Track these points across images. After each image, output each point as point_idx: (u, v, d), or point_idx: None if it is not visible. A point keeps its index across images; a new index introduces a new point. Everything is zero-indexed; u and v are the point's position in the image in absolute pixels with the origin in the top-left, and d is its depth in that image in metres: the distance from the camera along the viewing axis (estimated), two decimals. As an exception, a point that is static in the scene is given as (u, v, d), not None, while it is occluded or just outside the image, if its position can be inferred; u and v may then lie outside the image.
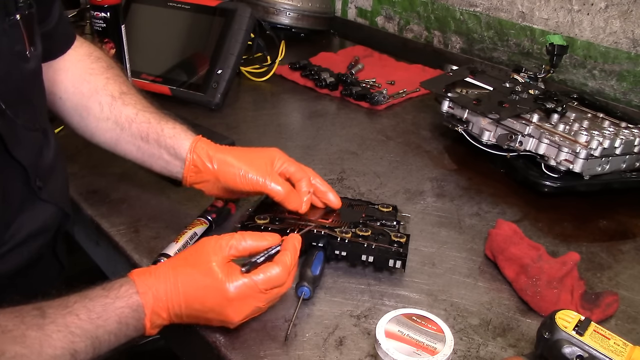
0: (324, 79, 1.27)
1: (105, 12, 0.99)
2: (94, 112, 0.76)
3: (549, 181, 0.88)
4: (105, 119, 0.76)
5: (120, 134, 0.75)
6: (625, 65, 1.16)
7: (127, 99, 0.77)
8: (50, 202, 0.68)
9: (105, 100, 0.76)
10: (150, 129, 0.74)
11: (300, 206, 0.72)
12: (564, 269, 0.68)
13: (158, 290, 0.56)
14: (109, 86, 0.77)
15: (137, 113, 0.75)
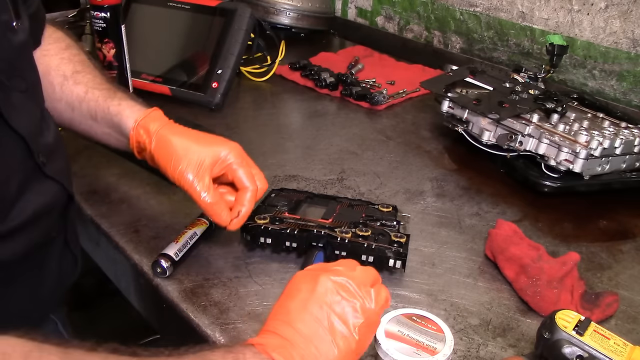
0: (324, 79, 1.27)
1: (105, 12, 0.99)
2: (48, 94, 0.74)
3: (549, 181, 0.88)
4: (58, 99, 0.74)
5: (72, 114, 0.74)
6: (625, 65, 1.16)
7: (78, 78, 0.74)
8: (54, 180, 0.66)
9: (57, 81, 0.74)
10: (97, 108, 0.72)
11: (224, 223, 0.66)
12: (564, 269, 0.68)
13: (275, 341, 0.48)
14: (62, 66, 0.75)
15: (86, 92, 0.73)
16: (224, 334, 0.61)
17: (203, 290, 0.67)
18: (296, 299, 0.50)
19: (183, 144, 0.66)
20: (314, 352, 0.47)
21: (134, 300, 0.78)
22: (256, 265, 0.72)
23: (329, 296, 0.49)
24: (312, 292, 0.50)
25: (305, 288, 0.50)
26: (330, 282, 0.50)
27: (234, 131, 1.06)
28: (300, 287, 0.51)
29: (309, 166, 0.97)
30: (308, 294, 0.50)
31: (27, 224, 0.62)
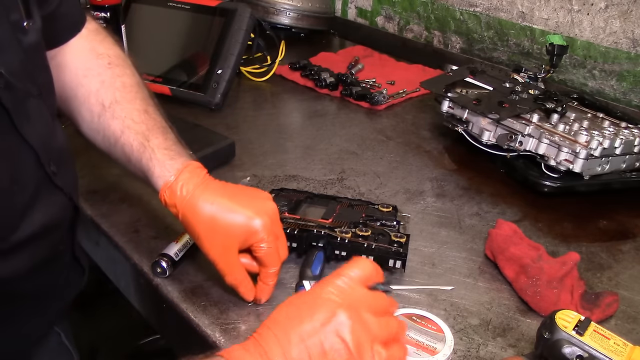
0: (324, 79, 1.27)
1: (105, 12, 0.99)
2: (87, 120, 0.72)
3: (549, 181, 0.88)
4: (95, 130, 0.72)
5: (109, 148, 0.72)
6: (625, 65, 1.16)
7: (117, 111, 0.71)
8: (63, 191, 0.64)
9: (96, 110, 0.71)
10: (132, 155, 0.69)
11: (249, 299, 0.65)
12: (564, 269, 0.68)
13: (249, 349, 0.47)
14: (102, 92, 0.72)
15: (122, 131, 0.70)
16: (224, 334, 0.61)
17: (203, 290, 0.67)
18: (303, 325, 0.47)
19: (210, 218, 0.62)
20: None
21: (134, 300, 0.78)
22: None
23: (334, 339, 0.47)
24: (322, 325, 0.47)
25: (317, 318, 0.47)
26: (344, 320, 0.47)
27: (233, 131, 1.06)
28: (314, 314, 0.47)
29: (309, 166, 0.97)
30: (317, 326, 0.47)
31: (35, 238, 0.60)
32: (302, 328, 0.47)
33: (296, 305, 0.49)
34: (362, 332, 0.47)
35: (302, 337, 0.47)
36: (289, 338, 0.47)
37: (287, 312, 0.49)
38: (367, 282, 0.51)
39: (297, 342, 0.46)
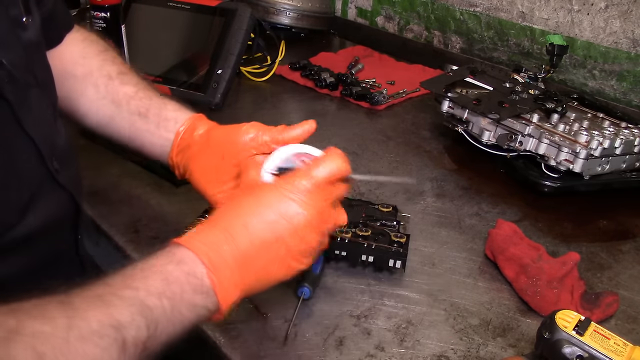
0: (324, 79, 1.27)
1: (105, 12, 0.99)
2: (88, 94, 0.74)
3: (549, 181, 0.89)
4: (101, 98, 0.74)
5: (116, 111, 0.74)
6: (625, 65, 1.16)
7: (125, 79, 0.75)
8: (66, 189, 0.64)
9: (102, 81, 0.74)
10: (151, 105, 0.73)
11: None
12: (564, 269, 0.68)
13: (207, 234, 0.48)
14: (106, 67, 0.76)
15: (137, 91, 0.74)
16: (224, 334, 0.61)
17: (203, 290, 0.67)
18: (263, 214, 0.50)
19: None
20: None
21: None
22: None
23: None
24: (281, 217, 0.51)
25: (278, 211, 0.51)
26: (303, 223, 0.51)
27: (234, 131, 1.06)
28: (276, 209, 0.51)
29: (309, 166, 0.96)
30: (277, 217, 0.51)
31: (36, 235, 0.60)
32: (263, 217, 0.50)
33: (258, 198, 0.52)
34: (316, 231, 0.52)
35: (261, 224, 0.50)
36: (248, 224, 0.49)
37: (247, 201, 0.52)
38: (334, 180, 0.55)
39: (255, 229, 0.49)
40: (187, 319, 0.46)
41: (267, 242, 0.50)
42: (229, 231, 0.49)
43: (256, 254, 0.49)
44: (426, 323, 0.64)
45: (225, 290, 0.47)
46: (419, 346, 0.61)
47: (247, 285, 0.49)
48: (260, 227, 0.50)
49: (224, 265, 0.48)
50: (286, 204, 0.51)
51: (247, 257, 0.49)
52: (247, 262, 0.49)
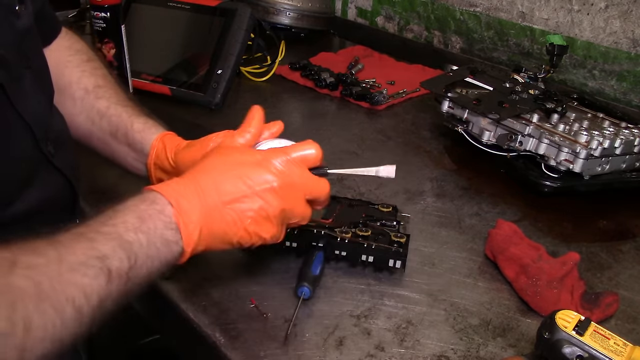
0: (324, 79, 1.27)
1: (105, 12, 0.99)
2: (68, 108, 0.74)
3: (549, 181, 0.88)
4: (78, 113, 0.74)
5: (92, 128, 0.74)
6: (625, 65, 1.16)
7: (100, 92, 0.74)
8: (61, 172, 0.65)
9: (78, 95, 0.74)
10: (119, 124, 0.72)
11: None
12: (564, 269, 0.68)
13: (178, 184, 0.52)
14: (84, 79, 0.75)
15: (108, 107, 0.73)
16: (224, 334, 0.61)
17: (203, 290, 0.67)
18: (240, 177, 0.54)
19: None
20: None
21: (134, 300, 0.78)
22: (256, 265, 0.72)
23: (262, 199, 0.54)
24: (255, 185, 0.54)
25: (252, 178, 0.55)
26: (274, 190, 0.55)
27: (234, 131, 1.06)
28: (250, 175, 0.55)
29: (309, 166, 0.96)
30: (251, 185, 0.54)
31: (32, 214, 0.61)
32: (237, 181, 0.54)
33: (235, 160, 0.55)
34: (283, 206, 0.55)
35: (234, 187, 0.53)
36: (220, 183, 0.53)
37: (224, 163, 0.55)
38: (308, 165, 0.58)
39: (227, 188, 0.53)
40: (163, 255, 0.50)
41: (233, 200, 0.53)
42: (200, 185, 0.53)
43: (221, 210, 0.53)
44: (426, 323, 0.64)
45: (190, 233, 0.52)
46: (419, 346, 0.61)
47: (209, 237, 0.53)
48: (228, 187, 0.53)
49: (190, 209, 0.52)
50: (257, 171, 0.55)
51: (212, 210, 0.53)
52: (211, 214, 0.53)
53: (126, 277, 0.47)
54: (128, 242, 0.48)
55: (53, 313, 0.42)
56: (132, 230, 0.48)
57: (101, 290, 0.45)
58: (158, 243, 0.50)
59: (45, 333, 0.41)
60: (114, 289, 0.46)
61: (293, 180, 0.56)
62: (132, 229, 0.48)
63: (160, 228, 0.50)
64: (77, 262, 0.44)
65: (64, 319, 0.42)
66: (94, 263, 0.45)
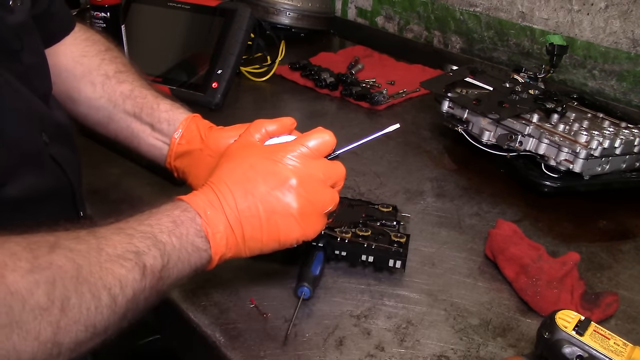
0: (324, 79, 1.27)
1: (105, 12, 0.99)
2: (86, 93, 0.75)
3: (549, 181, 0.88)
4: (98, 97, 0.75)
5: (113, 111, 0.75)
6: (625, 65, 1.16)
7: (122, 77, 0.76)
8: (59, 165, 0.66)
9: (99, 80, 0.75)
10: (145, 104, 0.73)
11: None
12: (564, 269, 0.68)
13: (205, 195, 0.55)
14: (104, 66, 0.76)
15: (132, 90, 0.75)
16: (224, 334, 0.61)
17: (203, 290, 0.67)
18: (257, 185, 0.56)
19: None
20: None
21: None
22: (256, 265, 0.72)
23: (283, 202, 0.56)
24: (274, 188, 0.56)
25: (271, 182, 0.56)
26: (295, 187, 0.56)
27: (234, 131, 1.06)
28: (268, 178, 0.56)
29: (309, 166, 0.96)
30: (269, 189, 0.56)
31: (24, 202, 0.61)
32: (256, 188, 0.55)
33: (252, 165, 0.57)
34: (309, 200, 0.56)
35: (254, 194, 0.55)
36: (243, 193, 0.55)
37: (243, 170, 0.56)
38: (324, 153, 0.59)
39: (249, 197, 0.55)
40: (192, 259, 0.53)
41: (258, 219, 0.55)
42: (223, 196, 0.55)
43: (244, 219, 0.55)
44: (426, 323, 0.64)
45: (217, 242, 0.54)
46: (419, 346, 0.61)
47: (238, 245, 0.55)
48: (248, 210, 0.55)
49: (217, 220, 0.54)
50: (274, 172, 0.56)
51: (236, 220, 0.55)
52: (237, 223, 0.55)
53: (159, 275, 0.49)
54: (162, 242, 0.50)
55: (90, 297, 0.43)
56: (167, 233, 0.51)
57: (135, 284, 0.47)
58: (189, 248, 0.52)
59: (80, 315, 0.43)
60: (147, 284, 0.48)
61: (311, 173, 0.57)
62: (167, 232, 0.51)
63: (191, 234, 0.53)
64: (115, 253, 0.46)
65: (99, 306, 0.44)
66: (131, 257, 0.47)
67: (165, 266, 0.50)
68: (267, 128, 0.62)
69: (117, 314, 0.46)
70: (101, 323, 0.45)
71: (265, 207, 0.55)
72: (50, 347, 0.41)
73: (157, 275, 0.49)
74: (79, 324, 0.43)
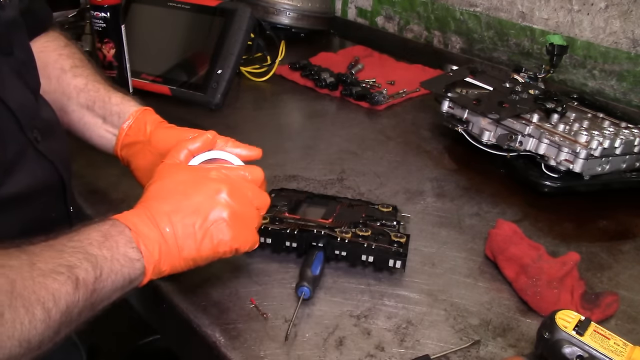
0: (324, 79, 1.27)
1: (105, 12, 0.99)
2: (42, 86, 0.76)
3: (549, 181, 0.88)
4: (52, 91, 0.77)
5: (67, 103, 0.77)
6: (625, 65, 1.16)
7: (78, 72, 0.78)
8: (48, 159, 0.67)
9: (54, 74, 0.77)
10: (97, 97, 0.76)
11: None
12: (564, 269, 0.68)
13: (132, 215, 0.56)
14: (60, 61, 0.78)
15: (86, 84, 0.77)
16: (224, 334, 0.61)
17: (203, 290, 0.67)
18: (190, 198, 0.57)
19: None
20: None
21: (134, 300, 0.78)
22: (256, 265, 0.72)
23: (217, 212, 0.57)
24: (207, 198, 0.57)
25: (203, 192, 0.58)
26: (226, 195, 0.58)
27: (234, 131, 1.06)
28: (200, 190, 0.58)
29: (309, 166, 0.97)
30: (202, 200, 0.57)
31: (22, 198, 0.62)
32: (188, 199, 0.57)
33: (182, 181, 0.59)
34: (241, 204, 0.58)
35: (186, 205, 0.56)
36: (175, 205, 0.56)
37: (173, 185, 0.58)
38: (252, 178, 0.62)
39: (181, 208, 0.56)
40: (126, 271, 0.53)
41: (191, 226, 0.56)
42: (152, 212, 0.56)
43: (176, 231, 0.56)
44: (426, 323, 0.64)
45: (150, 252, 0.54)
46: (419, 346, 0.61)
47: (171, 256, 0.56)
48: (180, 217, 0.56)
49: (148, 232, 0.55)
50: (208, 185, 0.58)
51: (168, 234, 0.55)
52: (168, 236, 0.55)
53: (92, 288, 0.49)
54: (93, 255, 0.50)
55: (23, 312, 0.43)
56: (97, 246, 0.51)
57: (69, 297, 0.47)
58: (121, 259, 0.52)
59: (14, 330, 0.42)
60: (81, 297, 0.48)
61: (239, 186, 0.60)
62: (97, 245, 0.51)
63: (122, 245, 0.53)
64: (47, 268, 0.46)
65: (33, 320, 0.44)
66: (63, 270, 0.47)
67: (98, 278, 0.50)
68: (189, 147, 0.64)
69: (51, 328, 0.46)
70: (35, 338, 0.44)
71: (198, 214, 0.56)
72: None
73: (90, 287, 0.49)
74: (12, 339, 0.42)
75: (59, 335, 0.47)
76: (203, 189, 0.58)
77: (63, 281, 0.46)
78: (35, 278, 0.45)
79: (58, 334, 0.47)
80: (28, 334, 0.44)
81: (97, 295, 0.50)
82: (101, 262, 0.50)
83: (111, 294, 0.52)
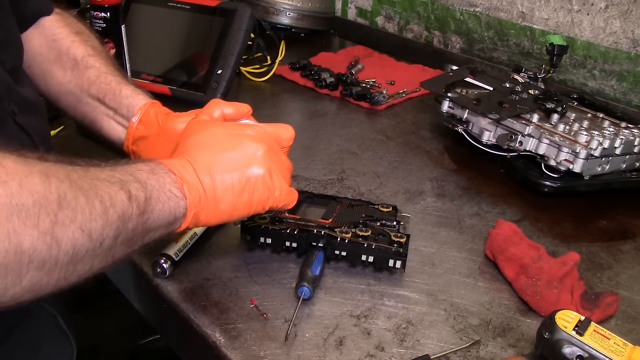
0: (324, 79, 1.27)
1: (105, 12, 0.99)
2: (58, 78, 0.79)
3: (549, 181, 0.89)
4: (67, 82, 0.78)
5: (81, 95, 0.78)
6: (625, 65, 1.16)
7: (90, 62, 0.79)
8: (26, 131, 0.66)
9: (69, 65, 0.79)
10: (108, 90, 0.77)
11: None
12: (564, 269, 0.68)
13: (172, 160, 0.57)
14: (73, 49, 0.80)
15: (98, 75, 0.78)
16: (224, 334, 0.61)
17: (203, 290, 0.67)
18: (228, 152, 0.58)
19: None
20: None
21: (134, 300, 0.78)
22: (256, 265, 0.72)
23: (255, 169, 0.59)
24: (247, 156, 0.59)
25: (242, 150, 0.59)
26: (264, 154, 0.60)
27: (234, 131, 1.06)
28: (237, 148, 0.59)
29: (309, 166, 0.97)
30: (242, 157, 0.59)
31: None
32: (226, 152, 0.58)
33: (221, 136, 0.59)
34: (277, 162, 0.61)
35: (225, 158, 0.57)
36: (213, 156, 0.57)
37: (210, 139, 0.59)
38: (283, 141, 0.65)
39: (219, 160, 0.57)
40: (172, 205, 0.53)
41: (230, 180, 0.57)
42: (193, 159, 0.57)
43: (216, 180, 0.57)
44: (426, 323, 0.64)
45: (192, 196, 0.55)
46: (419, 346, 0.61)
47: (210, 206, 0.57)
48: (219, 170, 0.57)
49: (188, 177, 0.55)
50: (245, 142, 0.59)
51: (211, 179, 0.57)
52: (211, 183, 0.56)
53: (143, 207, 0.49)
54: (142, 180, 0.51)
55: (84, 201, 0.43)
56: (145, 175, 0.52)
57: (124, 204, 0.46)
58: (168, 192, 0.53)
59: (76, 214, 0.42)
60: (134, 211, 0.48)
61: (273, 146, 0.62)
62: (145, 174, 0.52)
63: (167, 183, 0.53)
64: (101, 177, 0.46)
65: (93, 212, 0.43)
66: (115, 181, 0.47)
67: (147, 199, 0.50)
68: (224, 110, 0.65)
69: (110, 227, 0.45)
70: (96, 231, 0.43)
71: (236, 169, 0.57)
72: (50, 241, 0.40)
73: (142, 206, 0.49)
74: (75, 222, 0.42)
75: (115, 246, 0.46)
76: (242, 146, 0.58)
77: (117, 189, 0.46)
78: (92, 180, 0.45)
79: (116, 241, 0.46)
80: (89, 225, 0.43)
81: (148, 218, 0.50)
82: (150, 188, 0.51)
83: (157, 226, 0.52)
